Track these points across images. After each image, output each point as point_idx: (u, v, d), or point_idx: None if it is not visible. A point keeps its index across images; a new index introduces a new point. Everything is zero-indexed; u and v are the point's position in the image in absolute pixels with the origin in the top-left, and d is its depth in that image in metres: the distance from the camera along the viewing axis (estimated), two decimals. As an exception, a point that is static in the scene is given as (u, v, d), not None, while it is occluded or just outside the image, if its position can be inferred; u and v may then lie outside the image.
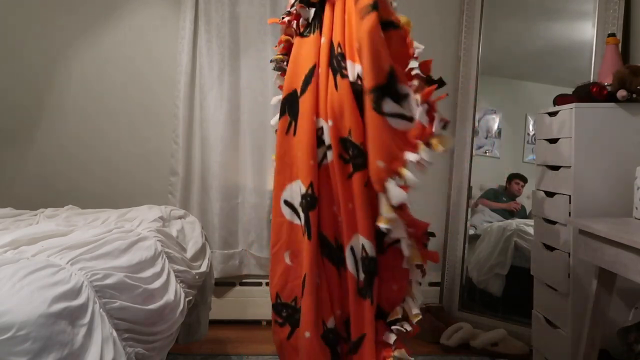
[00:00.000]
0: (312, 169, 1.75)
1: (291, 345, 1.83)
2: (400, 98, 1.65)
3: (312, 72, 1.78)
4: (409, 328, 1.73)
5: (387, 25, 1.68)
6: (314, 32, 1.83)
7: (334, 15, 1.78)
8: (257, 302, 3.06)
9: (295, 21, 1.92)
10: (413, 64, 1.72)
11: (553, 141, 2.21)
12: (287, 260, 1.85)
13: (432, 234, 1.76)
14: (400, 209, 1.62)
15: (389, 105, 1.62)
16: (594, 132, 2.05)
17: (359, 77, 1.67)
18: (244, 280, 3.13)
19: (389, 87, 1.63)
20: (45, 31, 3.19)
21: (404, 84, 1.66)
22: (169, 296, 1.82)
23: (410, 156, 1.61)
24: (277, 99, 2.02)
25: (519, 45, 3.00)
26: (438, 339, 2.78)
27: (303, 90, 1.79)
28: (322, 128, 1.75)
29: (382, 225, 1.62)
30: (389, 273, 1.73)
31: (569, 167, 2.07)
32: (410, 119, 1.65)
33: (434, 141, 1.62)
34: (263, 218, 3.09)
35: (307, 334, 1.71)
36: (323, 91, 1.75)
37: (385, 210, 1.61)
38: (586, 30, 2.72)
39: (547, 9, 2.90)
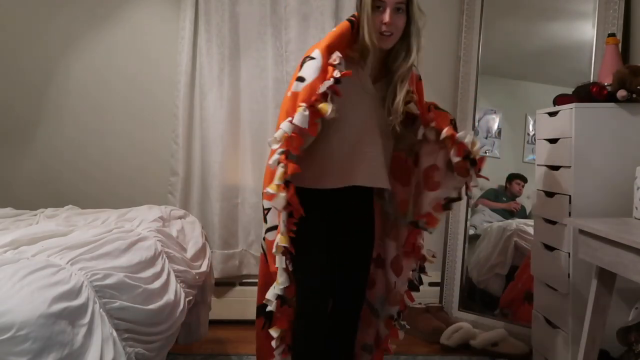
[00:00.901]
0: None
1: None
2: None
3: None
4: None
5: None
6: None
7: None
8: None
9: None
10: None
11: (553, 141, 2.21)
12: None
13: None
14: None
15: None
16: (594, 132, 2.05)
17: None
18: (244, 280, 3.13)
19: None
20: (44, 31, 3.18)
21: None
22: (169, 296, 1.82)
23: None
24: None
25: (519, 45, 2.99)
26: (438, 339, 2.78)
27: None
28: None
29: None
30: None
31: (569, 167, 2.07)
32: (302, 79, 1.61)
33: (320, 105, 1.55)
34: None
35: None
36: None
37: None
38: (586, 30, 2.72)
39: (547, 9, 2.90)
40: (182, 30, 3.08)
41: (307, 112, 1.54)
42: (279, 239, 1.64)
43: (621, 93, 2.03)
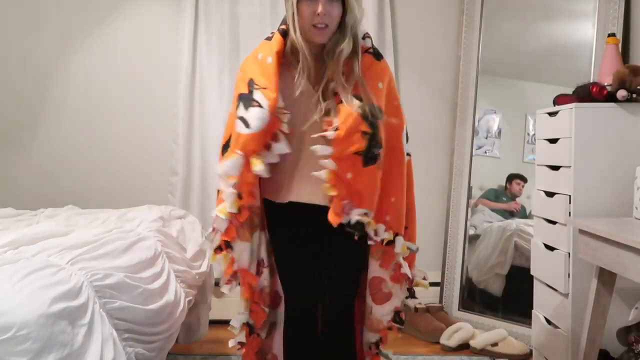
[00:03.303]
0: None
1: None
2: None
3: None
4: None
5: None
6: None
7: None
8: (257, 302, 3.05)
9: None
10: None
11: (553, 141, 2.21)
12: None
13: None
14: None
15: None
16: (594, 132, 2.05)
17: None
18: (244, 280, 3.12)
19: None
20: (46, 31, 3.18)
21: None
22: (169, 296, 1.83)
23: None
24: None
25: (519, 45, 2.99)
26: (438, 339, 2.78)
27: None
28: None
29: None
30: None
31: (569, 167, 2.07)
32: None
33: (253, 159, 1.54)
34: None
35: None
36: None
37: None
38: (586, 30, 2.72)
39: (547, 9, 2.90)
40: (182, 30, 3.08)
41: (241, 160, 1.54)
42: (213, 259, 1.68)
43: (621, 93, 2.03)
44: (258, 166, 1.52)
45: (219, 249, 1.65)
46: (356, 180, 1.52)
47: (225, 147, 1.62)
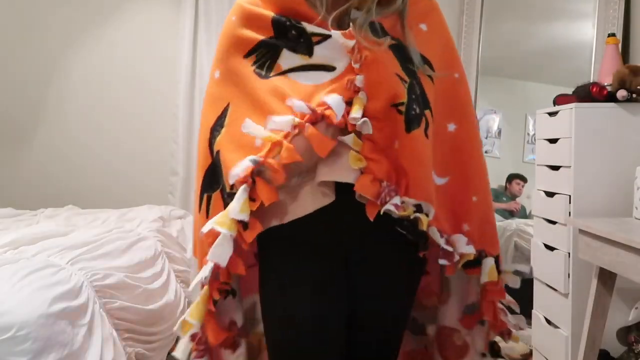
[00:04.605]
0: None
1: None
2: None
3: None
4: None
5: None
6: None
7: None
8: (257, 302, 3.06)
9: None
10: None
11: (553, 141, 2.21)
12: None
13: None
14: None
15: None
16: (594, 132, 2.05)
17: None
18: (244, 280, 3.13)
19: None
20: (45, 31, 3.19)
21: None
22: (169, 296, 1.83)
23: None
24: None
25: (519, 45, 2.99)
26: (438, 339, 2.77)
27: None
28: None
29: None
30: None
31: (569, 167, 2.07)
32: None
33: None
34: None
35: None
36: None
37: None
38: (586, 30, 2.72)
39: (547, 9, 2.90)
40: (182, 30, 3.09)
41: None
42: (189, 312, 1.00)
43: (621, 93, 2.03)
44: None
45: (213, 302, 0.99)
46: (399, 153, 0.96)
47: (218, 127, 1.08)
